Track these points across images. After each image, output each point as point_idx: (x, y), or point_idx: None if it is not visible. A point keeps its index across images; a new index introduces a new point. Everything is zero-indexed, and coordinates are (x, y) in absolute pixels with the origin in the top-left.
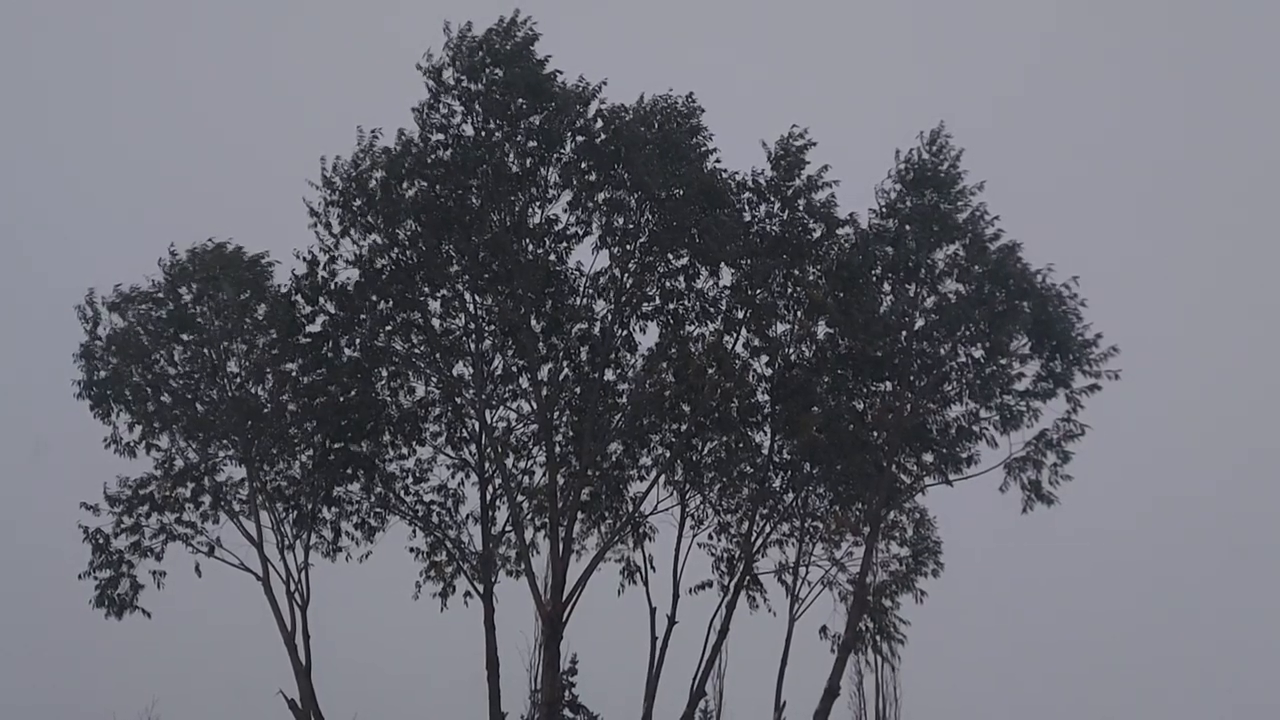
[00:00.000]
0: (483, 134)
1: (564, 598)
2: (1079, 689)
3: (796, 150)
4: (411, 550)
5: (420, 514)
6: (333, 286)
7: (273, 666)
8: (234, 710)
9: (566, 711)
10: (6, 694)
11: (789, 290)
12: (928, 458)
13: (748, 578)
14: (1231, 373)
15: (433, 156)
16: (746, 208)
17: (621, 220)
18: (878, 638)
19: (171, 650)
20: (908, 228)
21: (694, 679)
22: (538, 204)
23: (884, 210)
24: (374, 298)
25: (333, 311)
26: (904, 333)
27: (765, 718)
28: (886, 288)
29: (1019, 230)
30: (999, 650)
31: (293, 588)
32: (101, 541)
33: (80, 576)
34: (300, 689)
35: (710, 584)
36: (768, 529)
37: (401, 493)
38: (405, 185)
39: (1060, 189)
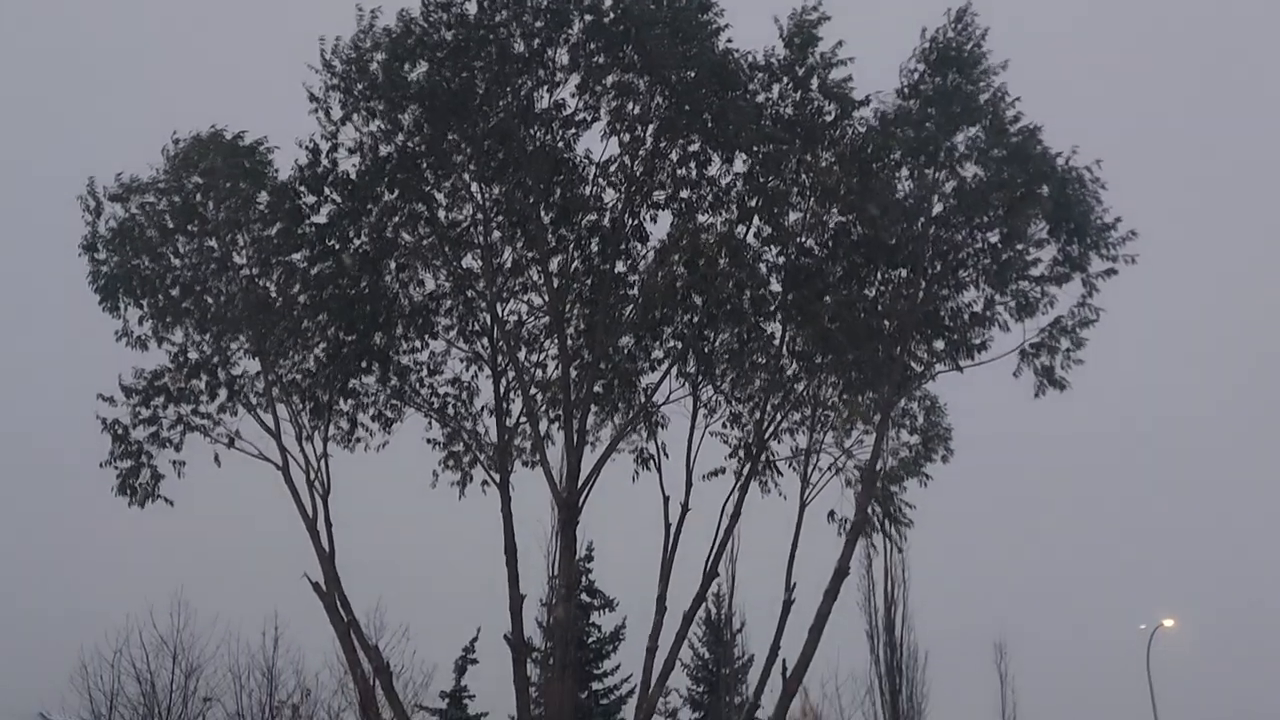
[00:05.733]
0: (487, 12)
1: (579, 485)
2: (1081, 570)
3: (809, 25)
4: (428, 441)
5: (435, 406)
6: (335, 176)
7: (297, 553)
8: (261, 593)
9: (584, 595)
10: (43, 583)
11: (801, 177)
12: (939, 345)
13: (763, 463)
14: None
15: (435, 37)
16: (760, 90)
17: (632, 105)
18: (886, 521)
19: (199, 538)
20: (930, 110)
21: (707, 562)
22: (545, 88)
23: (906, 91)
24: (379, 189)
25: (338, 201)
26: (921, 219)
27: (776, 597)
28: (904, 172)
29: (1038, 112)
30: (1002, 532)
31: (313, 477)
32: (120, 432)
33: (101, 465)
34: (325, 574)
35: (723, 470)
36: (779, 417)
37: (416, 385)
38: (407, 68)
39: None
